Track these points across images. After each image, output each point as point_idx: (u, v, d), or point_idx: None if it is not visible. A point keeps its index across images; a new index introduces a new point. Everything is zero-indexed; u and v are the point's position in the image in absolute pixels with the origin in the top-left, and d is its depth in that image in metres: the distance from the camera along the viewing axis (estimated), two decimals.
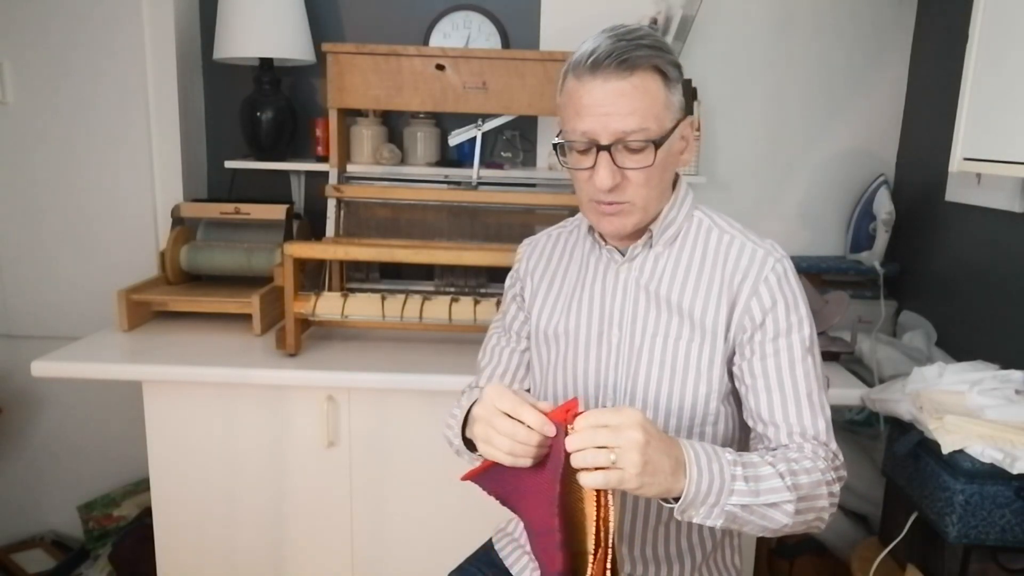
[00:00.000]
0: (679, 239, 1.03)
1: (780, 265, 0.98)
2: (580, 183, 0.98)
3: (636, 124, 0.91)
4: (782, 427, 0.95)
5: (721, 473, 0.83)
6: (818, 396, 0.97)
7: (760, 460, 0.89)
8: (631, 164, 0.93)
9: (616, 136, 0.92)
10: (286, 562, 1.63)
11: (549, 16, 2.03)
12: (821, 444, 0.95)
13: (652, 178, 0.95)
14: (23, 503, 2.21)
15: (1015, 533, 1.18)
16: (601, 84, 0.91)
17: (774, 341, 0.97)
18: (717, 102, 2.08)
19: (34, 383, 2.10)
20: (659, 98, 0.93)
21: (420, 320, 1.58)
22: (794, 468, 0.89)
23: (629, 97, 0.91)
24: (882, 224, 1.99)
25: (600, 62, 0.90)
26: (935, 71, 1.95)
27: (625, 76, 0.91)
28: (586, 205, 1.00)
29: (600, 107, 0.91)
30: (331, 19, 2.08)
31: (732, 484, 0.84)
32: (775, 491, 0.86)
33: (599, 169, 0.93)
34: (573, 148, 0.96)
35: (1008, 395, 1.28)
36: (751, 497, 0.84)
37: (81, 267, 2.09)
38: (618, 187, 0.94)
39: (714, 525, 0.85)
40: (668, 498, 0.83)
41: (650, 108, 0.92)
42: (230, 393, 1.56)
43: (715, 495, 0.83)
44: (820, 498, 0.90)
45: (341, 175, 1.90)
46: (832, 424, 0.98)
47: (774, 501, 0.86)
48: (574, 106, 0.94)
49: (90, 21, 1.97)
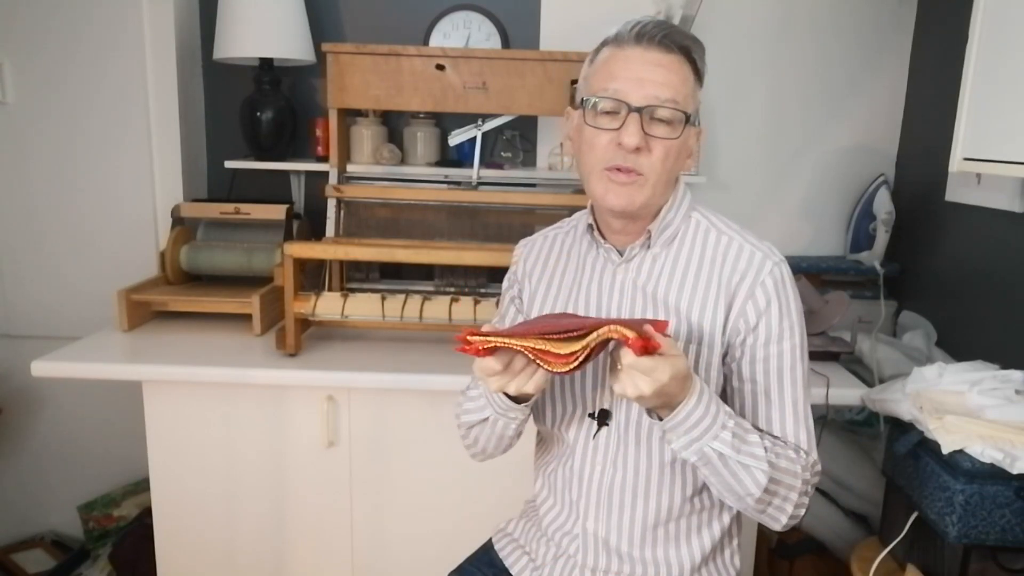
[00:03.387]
0: (677, 240, 1.02)
1: (778, 269, 0.98)
2: (596, 148, 0.96)
3: (670, 94, 0.92)
4: (764, 432, 0.97)
5: (716, 416, 0.88)
6: (803, 405, 0.99)
7: (752, 429, 0.93)
8: (658, 133, 0.93)
9: (648, 100, 0.92)
10: (286, 562, 1.63)
11: (549, 16, 2.03)
12: (802, 452, 0.97)
13: (670, 156, 0.95)
14: (23, 503, 2.22)
15: (1015, 533, 1.18)
16: (642, 52, 0.93)
17: (765, 346, 0.97)
18: (717, 102, 2.08)
19: (34, 383, 2.10)
20: (689, 83, 0.95)
21: (420, 320, 1.58)
22: (777, 451, 0.93)
23: (666, 69, 0.93)
24: (882, 224, 1.99)
25: (646, 33, 0.93)
26: (935, 71, 1.95)
27: (666, 51, 0.93)
28: (596, 175, 0.97)
29: (637, 72, 0.93)
30: (331, 19, 2.08)
31: (720, 432, 0.88)
32: (754, 457, 0.90)
33: (628, 126, 0.92)
34: (599, 110, 0.95)
35: (1008, 395, 1.28)
36: (731, 450, 0.89)
37: (81, 267, 2.09)
38: (639, 153, 0.93)
39: (687, 459, 0.90)
40: (660, 414, 0.89)
41: (682, 87, 0.94)
42: (230, 393, 1.56)
43: (701, 431, 0.88)
44: (793, 489, 0.94)
45: (341, 175, 1.90)
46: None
47: (749, 464, 0.90)
48: (608, 70, 0.95)
49: (90, 21, 1.98)
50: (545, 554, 1.11)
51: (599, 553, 1.05)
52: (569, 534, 1.08)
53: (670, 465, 1.01)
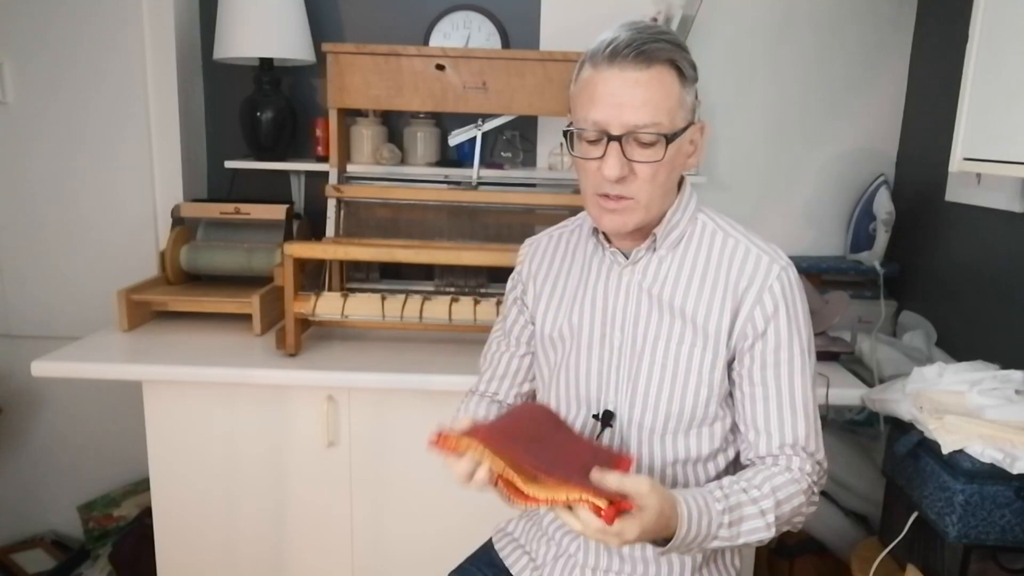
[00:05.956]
0: (683, 242, 1.02)
1: (785, 273, 0.98)
2: (586, 175, 0.97)
3: (649, 117, 0.90)
4: (775, 437, 0.98)
5: (709, 526, 0.88)
6: (813, 407, 0.99)
7: (747, 499, 0.92)
8: (640, 157, 0.92)
9: (627, 128, 0.91)
10: (286, 562, 1.63)
11: (549, 16, 2.03)
12: (809, 455, 0.98)
13: (659, 175, 0.94)
14: (23, 503, 2.22)
15: (1015, 533, 1.18)
16: (618, 73, 0.90)
17: (775, 352, 0.97)
18: (717, 102, 2.08)
19: (34, 383, 2.10)
20: (673, 94, 0.92)
21: (420, 320, 1.58)
22: (779, 498, 0.93)
23: (644, 88, 0.90)
24: (882, 224, 1.99)
25: (618, 51, 0.90)
26: (935, 71, 1.95)
27: (642, 68, 0.90)
28: (589, 199, 0.99)
29: (614, 96, 0.90)
30: (331, 19, 2.08)
31: (717, 531, 0.89)
32: (754, 531, 0.92)
33: (608, 158, 0.92)
34: (583, 137, 0.95)
35: (1008, 395, 1.28)
36: (728, 542, 0.90)
37: (81, 267, 2.09)
38: (625, 180, 0.93)
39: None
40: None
41: (664, 103, 0.91)
42: (230, 393, 1.56)
43: (697, 544, 0.88)
44: (797, 514, 0.96)
45: (341, 175, 1.90)
46: (823, 431, 1.02)
47: (748, 541, 0.91)
48: (588, 94, 0.93)
49: (90, 21, 1.97)
50: (546, 554, 1.11)
51: (600, 552, 1.05)
52: (570, 533, 1.08)
53: (672, 466, 1.02)
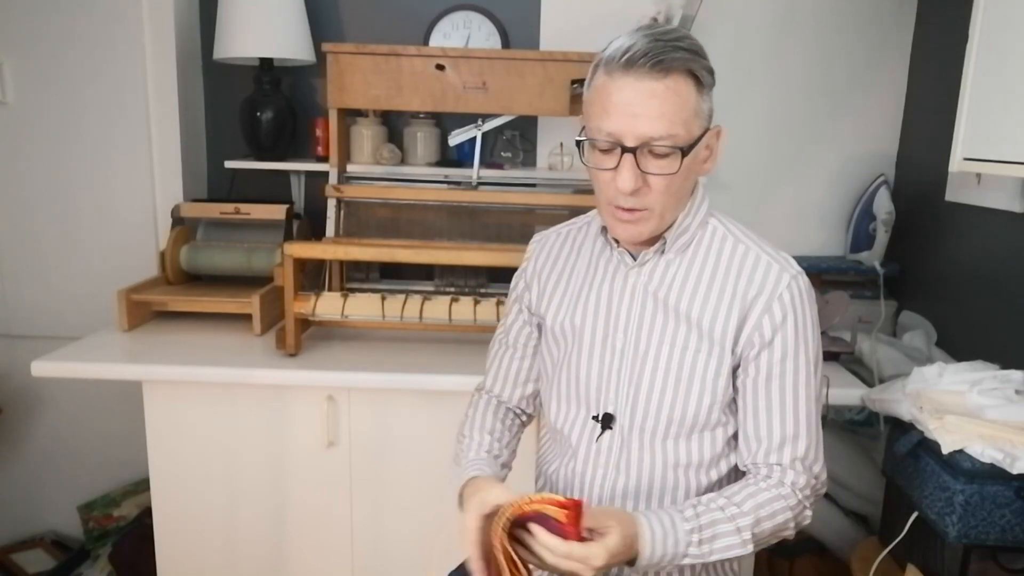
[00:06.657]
0: (692, 246, 1.01)
1: (795, 283, 0.97)
2: (600, 184, 0.95)
3: (664, 129, 0.88)
4: (773, 449, 0.98)
5: (676, 546, 0.89)
6: (816, 420, 0.99)
7: (723, 517, 0.92)
8: (655, 169, 0.91)
9: (642, 139, 0.89)
10: (286, 562, 1.63)
11: (549, 16, 2.03)
12: (806, 469, 0.98)
13: (673, 185, 0.93)
14: (23, 503, 2.21)
15: (1015, 533, 1.18)
16: (633, 83, 0.88)
17: (781, 362, 0.96)
18: (717, 101, 2.04)
19: (34, 383, 2.10)
20: (690, 103, 0.90)
21: (420, 320, 1.58)
22: (760, 515, 0.93)
23: (660, 99, 0.88)
24: (882, 224, 1.99)
25: (635, 60, 0.87)
26: (935, 71, 1.95)
27: (659, 77, 0.88)
28: (604, 208, 0.98)
29: (629, 107, 0.88)
30: (331, 19, 2.08)
31: (686, 550, 0.89)
32: (729, 548, 0.91)
33: (622, 171, 0.90)
34: (596, 147, 0.93)
35: (1008, 395, 1.28)
36: (700, 559, 0.90)
37: (81, 267, 2.09)
38: (639, 191, 0.92)
39: None
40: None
41: (679, 113, 0.89)
42: (230, 393, 1.56)
43: (667, 561, 0.89)
44: (783, 529, 0.96)
45: (341, 175, 1.90)
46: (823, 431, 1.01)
47: (724, 557, 0.92)
48: (602, 103, 0.91)
49: (90, 21, 1.97)
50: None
51: None
52: None
53: (672, 469, 1.01)
